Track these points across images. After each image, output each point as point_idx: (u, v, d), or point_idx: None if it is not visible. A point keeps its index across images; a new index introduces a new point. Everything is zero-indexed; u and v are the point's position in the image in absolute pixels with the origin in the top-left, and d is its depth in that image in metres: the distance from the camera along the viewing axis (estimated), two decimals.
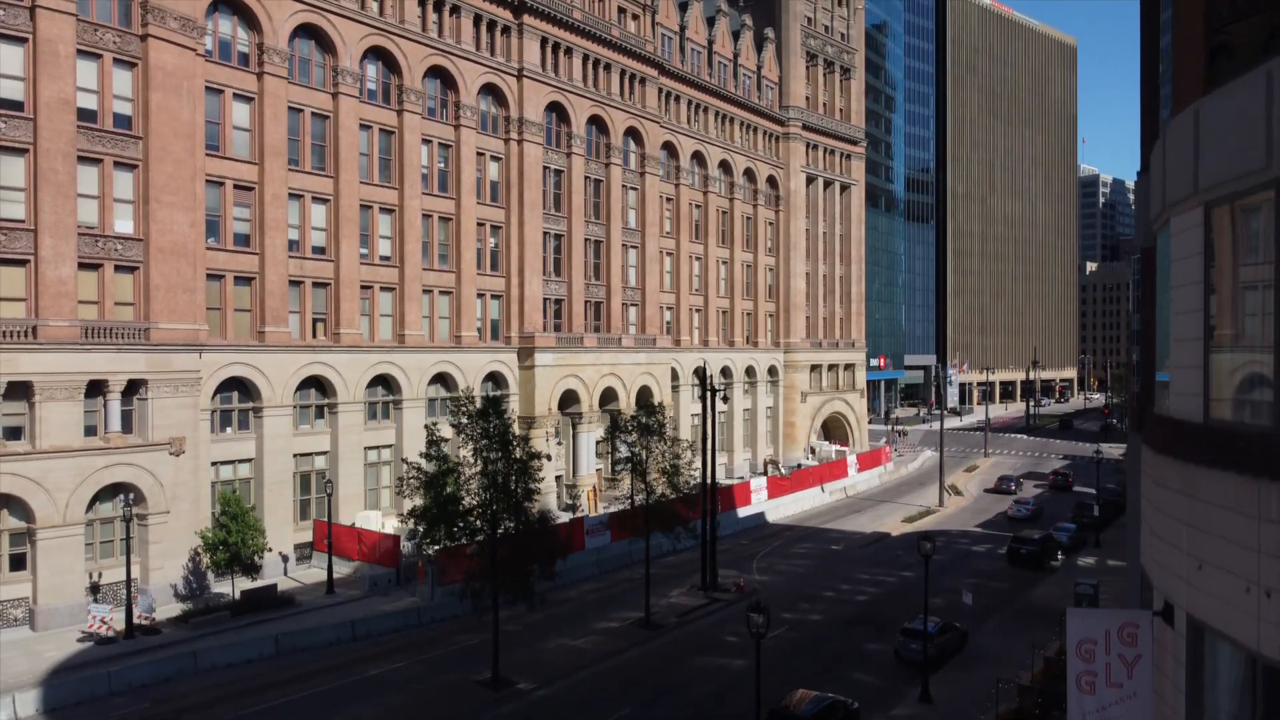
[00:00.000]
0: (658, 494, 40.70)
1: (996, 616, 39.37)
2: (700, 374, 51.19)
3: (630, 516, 45.72)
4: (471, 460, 32.32)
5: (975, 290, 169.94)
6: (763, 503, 62.68)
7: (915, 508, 65.21)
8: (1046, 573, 47.55)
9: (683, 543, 46.62)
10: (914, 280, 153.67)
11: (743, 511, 60.40)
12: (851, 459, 76.95)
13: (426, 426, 34.95)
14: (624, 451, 41.54)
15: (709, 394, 45.92)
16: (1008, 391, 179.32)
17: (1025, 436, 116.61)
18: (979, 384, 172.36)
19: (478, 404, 34.07)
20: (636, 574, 44.41)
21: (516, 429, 54.81)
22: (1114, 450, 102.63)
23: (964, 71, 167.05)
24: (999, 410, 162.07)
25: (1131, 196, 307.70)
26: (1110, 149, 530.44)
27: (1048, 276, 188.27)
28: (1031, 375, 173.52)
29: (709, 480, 45.53)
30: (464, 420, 32.46)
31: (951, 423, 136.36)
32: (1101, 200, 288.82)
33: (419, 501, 32.36)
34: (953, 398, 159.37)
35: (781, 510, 62.67)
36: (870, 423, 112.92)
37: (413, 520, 32.16)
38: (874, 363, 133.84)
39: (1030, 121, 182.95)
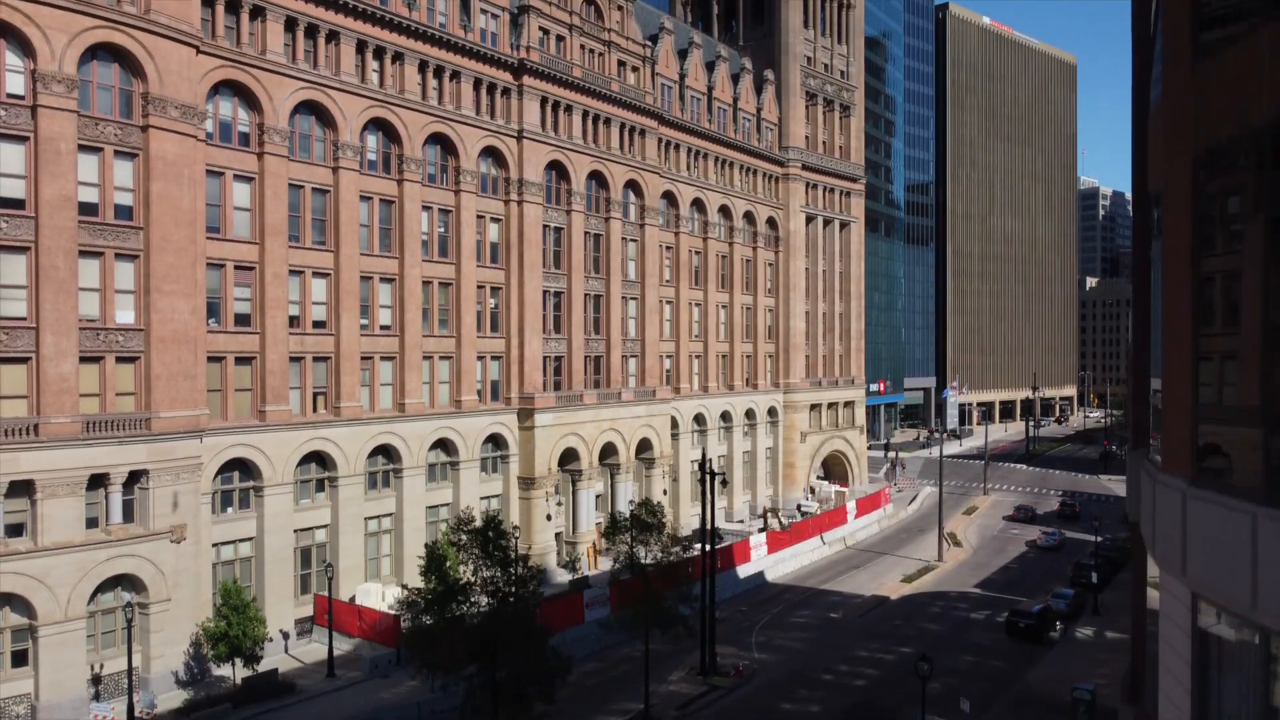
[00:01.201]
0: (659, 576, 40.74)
1: (996, 707, 39.46)
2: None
3: (630, 585, 45.90)
4: (471, 578, 32.39)
5: (975, 310, 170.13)
6: (762, 559, 62.81)
7: (914, 562, 65.33)
8: (1046, 646, 47.66)
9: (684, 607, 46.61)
10: (913, 303, 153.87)
11: (743, 570, 60.52)
12: (850, 505, 77.04)
13: (427, 546, 35.08)
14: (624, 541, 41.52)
15: (709, 478, 45.83)
16: (1008, 410, 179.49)
17: (1025, 467, 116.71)
18: (978, 404, 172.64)
19: (477, 521, 34.09)
20: (636, 650, 44.42)
21: (517, 524, 55.02)
22: (1114, 483, 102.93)
23: (963, 92, 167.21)
24: (998, 432, 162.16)
25: (1131, 209, 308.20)
26: (1110, 160, 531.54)
27: (1047, 294, 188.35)
28: (1032, 396, 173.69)
29: (708, 566, 45.32)
30: (463, 537, 32.51)
31: (951, 448, 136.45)
32: (1101, 213, 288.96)
33: (421, 618, 32.22)
34: (952, 419, 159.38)
35: (781, 568, 62.78)
36: (869, 446, 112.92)
37: (414, 639, 32.09)
38: (874, 388, 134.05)
39: (1030, 140, 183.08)
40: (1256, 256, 12.29)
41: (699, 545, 60.78)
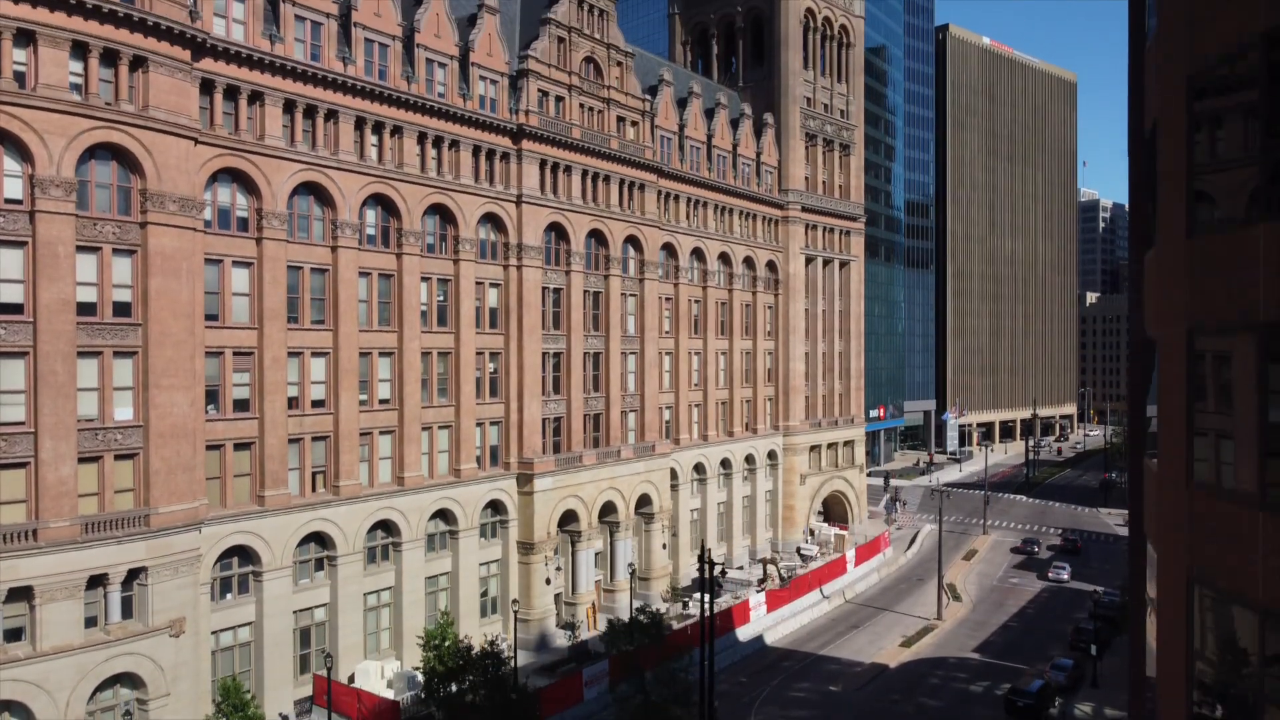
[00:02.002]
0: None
1: None
2: (703, 564, 50.90)
3: (629, 657, 45.99)
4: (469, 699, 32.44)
5: (975, 331, 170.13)
6: (761, 618, 62.82)
7: (914, 621, 65.27)
8: None
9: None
10: (913, 326, 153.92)
11: (743, 633, 60.54)
12: (850, 554, 77.03)
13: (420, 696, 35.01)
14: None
15: (708, 573, 45.68)
16: (1008, 429, 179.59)
17: (1024, 499, 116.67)
18: (978, 425, 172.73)
19: (475, 650, 34.08)
20: None
21: (516, 568, 54.92)
22: (1115, 518, 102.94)
23: (964, 114, 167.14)
24: (998, 454, 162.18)
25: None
26: (1110, 171, 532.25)
27: (1047, 313, 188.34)
28: (1031, 416, 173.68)
29: (705, 671, 45.07)
30: (459, 664, 32.52)
31: (950, 474, 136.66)
32: (1101, 225, 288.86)
33: None
34: (952, 441, 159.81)
35: (780, 629, 62.74)
36: (869, 473, 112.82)
37: None
38: (873, 414, 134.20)
39: (1030, 159, 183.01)
40: None
41: (698, 595, 61.12)
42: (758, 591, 70.80)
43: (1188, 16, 15.70)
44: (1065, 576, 76.35)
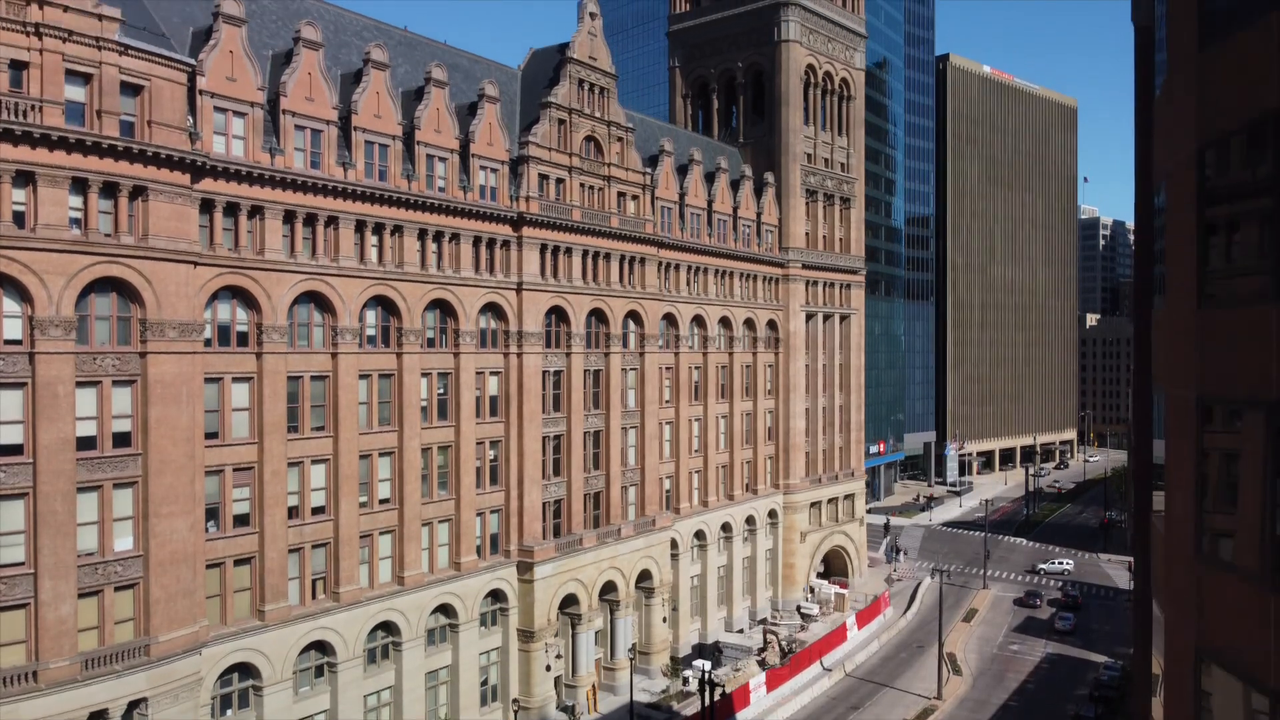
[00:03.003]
0: None
1: None
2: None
3: None
4: None
5: (975, 360, 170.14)
6: (762, 700, 62.75)
7: (914, 701, 65.15)
8: None
9: None
10: (913, 358, 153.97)
11: (743, 716, 60.47)
12: (850, 620, 77.02)
13: None
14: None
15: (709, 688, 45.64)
16: (1008, 456, 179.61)
17: (1024, 542, 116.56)
18: (978, 453, 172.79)
19: None
20: None
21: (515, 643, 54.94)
22: (1116, 566, 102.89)
23: (964, 143, 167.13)
24: (998, 484, 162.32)
25: (1131, 237, 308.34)
26: (1110, 188, 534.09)
27: (1048, 339, 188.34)
28: (1032, 445, 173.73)
29: None
30: None
31: (950, 511, 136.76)
32: (1101, 243, 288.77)
33: None
34: (952, 472, 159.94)
35: (781, 712, 62.58)
36: (869, 510, 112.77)
37: None
38: (873, 449, 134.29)
39: (1031, 185, 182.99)
40: None
41: (697, 663, 61.23)
42: (758, 660, 70.87)
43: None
44: (1068, 628, 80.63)
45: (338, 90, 48.84)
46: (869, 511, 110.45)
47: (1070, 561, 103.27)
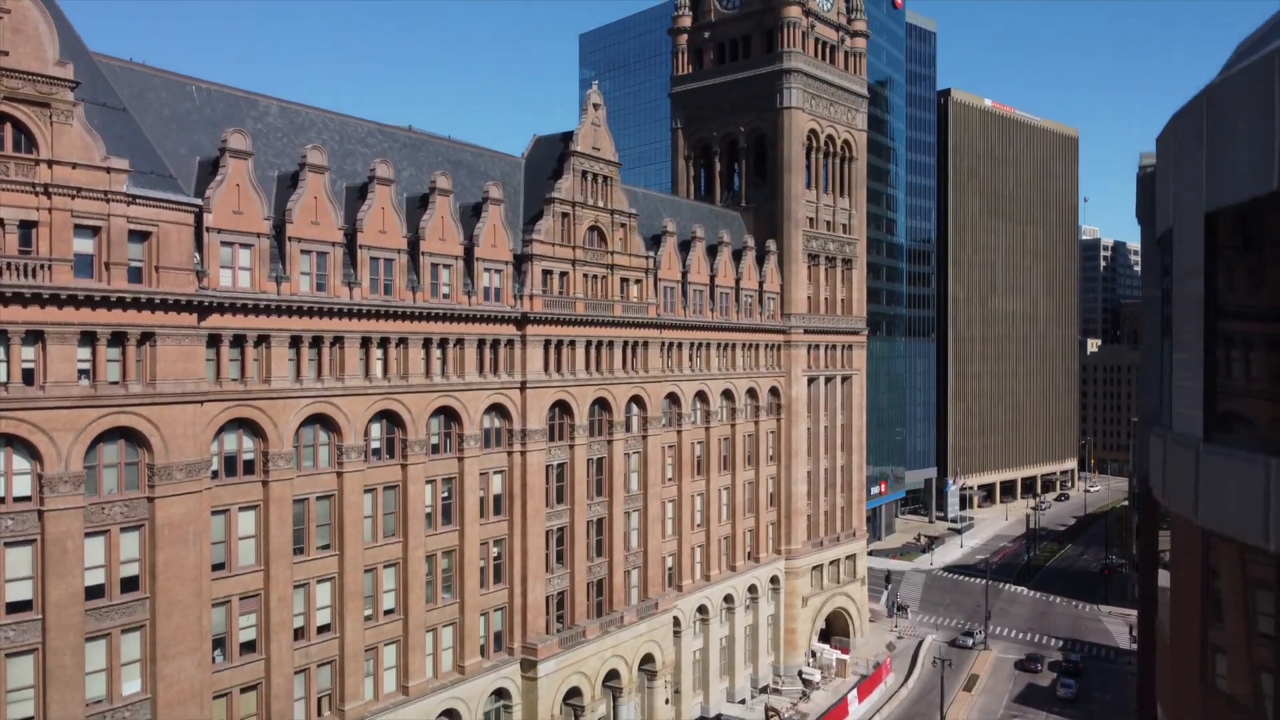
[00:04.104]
0: None
1: None
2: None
3: None
4: None
5: (975, 394, 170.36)
6: None
7: None
8: None
9: None
10: (914, 395, 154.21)
11: None
12: (852, 695, 77.27)
13: None
14: None
15: None
16: (1009, 488, 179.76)
17: (1025, 592, 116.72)
18: (979, 486, 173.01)
19: None
20: None
21: None
22: (1116, 622, 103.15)
23: (965, 177, 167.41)
24: (999, 518, 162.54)
25: (1132, 258, 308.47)
26: (1110, 206, 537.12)
27: (1048, 370, 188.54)
28: (1033, 479, 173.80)
29: None
30: None
31: (951, 552, 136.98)
32: (1102, 264, 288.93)
33: None
34: (953, 507, 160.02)
35: None
36: (870, 553, 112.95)
37: None
38: (874, 490, 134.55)
39: (1032, 217, 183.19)
40: None
41: None
42: None
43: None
44: (1070, 696, 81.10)
45: (343, 209, 49.08)
46: (870, 554, 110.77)
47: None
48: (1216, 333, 11.53)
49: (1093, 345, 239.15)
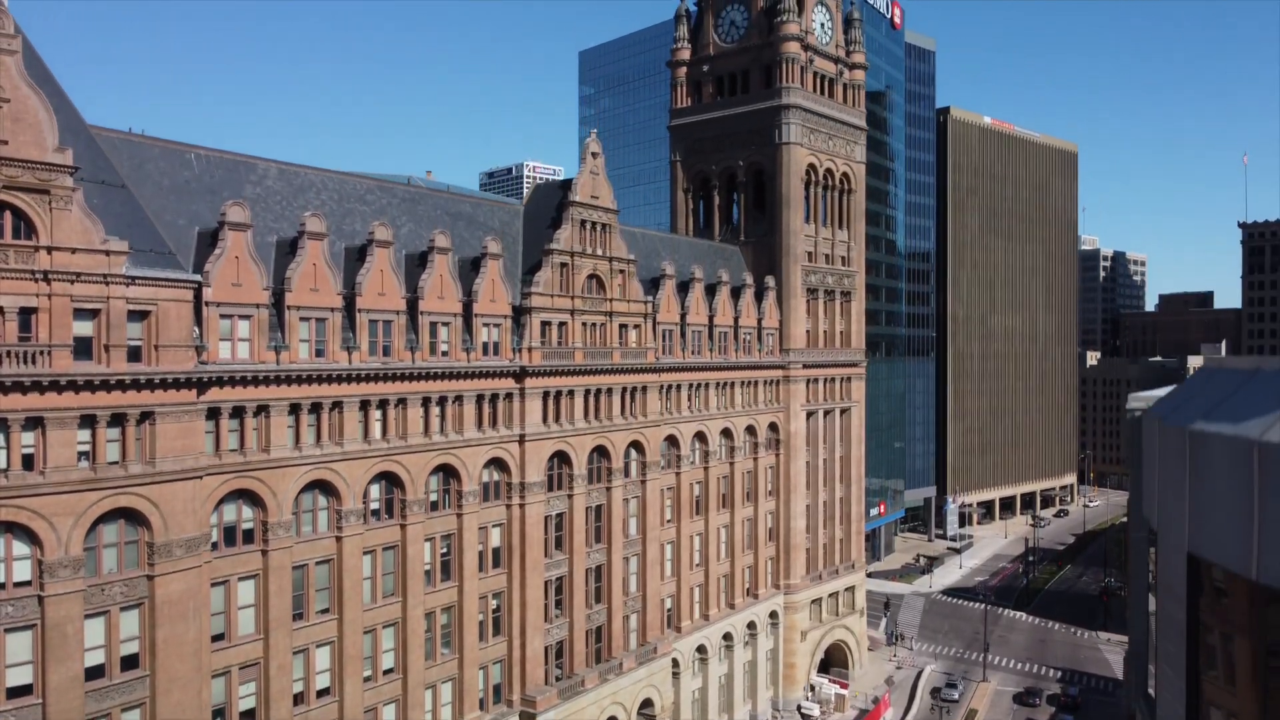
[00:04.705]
0: None
1: None
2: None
3: None
4: None
5: (975, 411, 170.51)
6: None
7: None
8: None
9: None
10: (913, 414, 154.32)
11: None
12: None
13: None
14: None
15: None
16: (1008, 504, 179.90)
17: (1023, 618, 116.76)
18: (979, 504, 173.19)
19: None
20: None
21: None
22: (1114, 650, 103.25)
23: (965, 195, 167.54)
24: (998, 536, 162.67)
25: (1131, 268, 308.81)
26: (1109, 215, 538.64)
27: (1047, 385, 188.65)
28: (1031, 491, 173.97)
29: None
30: None
31: (950, 574, 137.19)
32: (1102, 274, 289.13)
33: None
34: (952, 525, 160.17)
35: None
36: (869, 574, 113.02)
37: None
38: (874, 512, 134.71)
39: (1031, 234, 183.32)
40: None
41: None
42: None
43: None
44: None
45: (342, 273, 49.16)
46: (869, 575, 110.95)
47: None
48: (1198, 656, 11.76)
49: (1092, 358, 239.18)
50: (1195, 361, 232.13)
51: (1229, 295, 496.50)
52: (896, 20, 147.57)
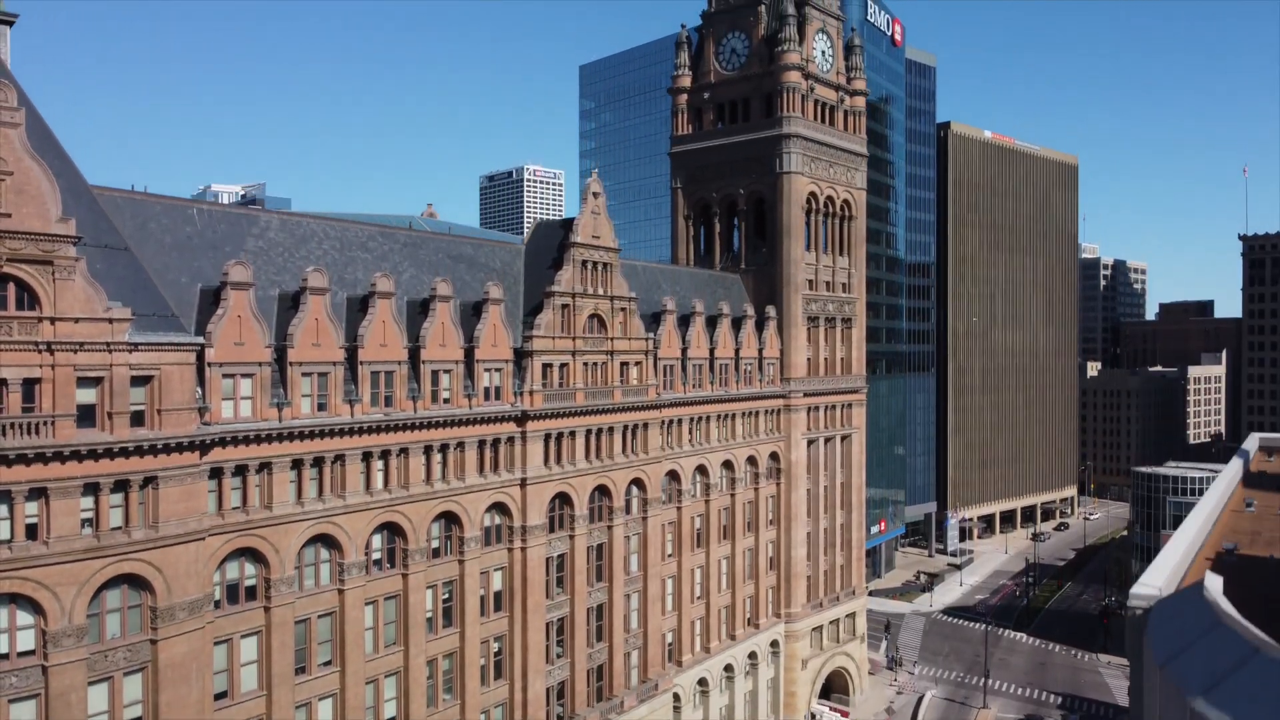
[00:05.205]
0: None
1: None
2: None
3: None
4: None
5: (975, 426, 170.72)
6: None
7: None
8: None
9: None
10: (914, 430, 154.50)
11: None
12: None
13: None
14: None
15: None
16: (1008, 518, 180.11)
17: (1024, 639, 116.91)
18: (979, 518, 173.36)
19: None
20: None
21: None
22: (1115, 675, 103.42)
23: (965, 210, 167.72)
24: (998, 551, 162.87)
25: (1132, 276, 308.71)
26: (1109, 224, 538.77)
27: (1047, 399, 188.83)
28: (1032, 504, 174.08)
29: None
30: None
31: (950, 591, 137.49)
32: (1102, 283, 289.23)
33: None
34: (953, 540, 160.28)
35: None
36: (869, 590, 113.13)
37: None
38: (874, 530, 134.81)
39: (1032, 247, 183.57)
40: None
41: None
42: None
43: None
44: None
45: (343, 325, 49.23)
46: (869, 593, 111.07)
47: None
48: None
49: (1092, 369, 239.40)
50: (1196, 372, 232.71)
51: (1229, 304, 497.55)
52: (897, 37, 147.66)
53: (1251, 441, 67.14)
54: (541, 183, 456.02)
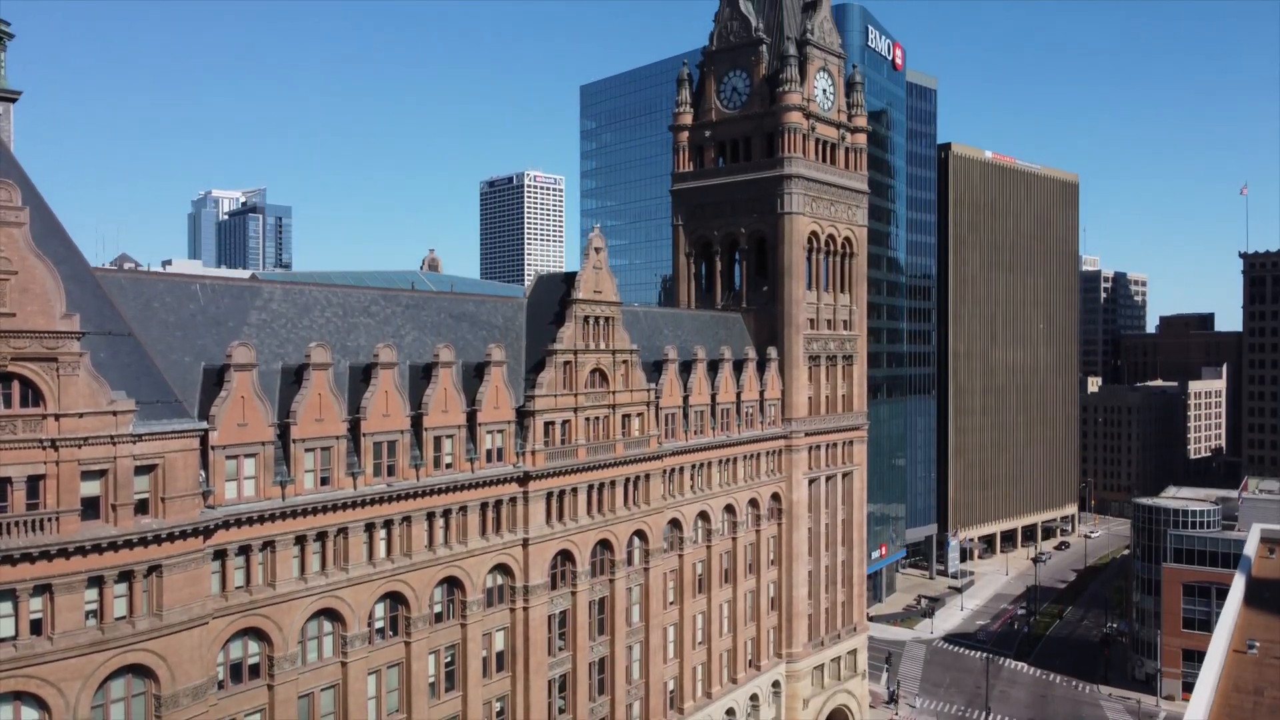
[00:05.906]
0: None
1: None
2: None
3: None
4: None
5: (976, 446, 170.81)
6: None
7: None
8: None
9: None
10: (914, 453, 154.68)
11: None
12: None
13: None
14: None
15: None
16: (1009, 537, 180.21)
17: (1024, 669, 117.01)
18: (980, 538, 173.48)
19: None
20: None
21: None
22: (1115, 709, 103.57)
23: (966, 230, 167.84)
24: (999, 572, 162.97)
25: (1132, 288, 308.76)
26: (1109, 232, 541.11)
27: (1048, 418, 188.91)
28: (1033, 523, 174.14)
29: None
30: None
31: (951, 617, 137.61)
32: (1103, 295, 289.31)
33: None
34: (954, 561, 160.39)
35: None
36: (869, 615, 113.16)
37: None
38: (875, 554, 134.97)
39: (1032, 266, 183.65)
40: None
41: None
42: None
43: None
44: None
45: (346, 398, 49.29)
46: (870, 619, 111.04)
47: None
48: None
49: (1093, 384, 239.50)
50: (1196, 386, 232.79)
51: (1230, 316, 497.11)
52: (898, 62, 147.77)
53: (1253, 536, 61.72)
54: (541, 188, 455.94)
